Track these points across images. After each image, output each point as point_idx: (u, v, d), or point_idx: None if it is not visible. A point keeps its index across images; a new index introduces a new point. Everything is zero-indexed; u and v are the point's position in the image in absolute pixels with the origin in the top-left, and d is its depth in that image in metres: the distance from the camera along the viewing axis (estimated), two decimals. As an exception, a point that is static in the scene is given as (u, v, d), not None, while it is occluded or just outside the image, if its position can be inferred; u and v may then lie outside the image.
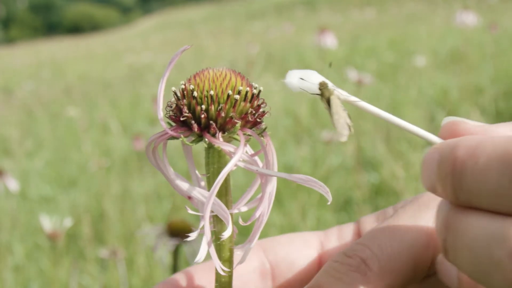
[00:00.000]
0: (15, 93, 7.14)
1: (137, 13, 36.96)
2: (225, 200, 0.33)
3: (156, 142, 0.33)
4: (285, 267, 0.38)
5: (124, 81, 6.75)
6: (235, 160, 0.31)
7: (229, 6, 21.06)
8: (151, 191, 2.54)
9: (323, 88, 0.32)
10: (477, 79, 3.32)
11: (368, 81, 2.14)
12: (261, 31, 10.04)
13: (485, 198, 0.24)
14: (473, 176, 0.25)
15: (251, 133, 0.33)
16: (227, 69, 0.33)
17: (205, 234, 0.31)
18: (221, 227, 0.32)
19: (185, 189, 0.32)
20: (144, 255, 1.83)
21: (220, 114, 0.32)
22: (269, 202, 0.33)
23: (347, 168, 2.38)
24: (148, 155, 0.33)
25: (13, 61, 12.92)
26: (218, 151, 0.32)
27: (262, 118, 0.33)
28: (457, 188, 0.25)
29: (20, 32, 34.65)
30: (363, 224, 0.39)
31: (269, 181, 0.33)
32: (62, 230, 1.30)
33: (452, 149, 0.26)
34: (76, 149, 3.71)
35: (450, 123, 0.29)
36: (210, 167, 0.33)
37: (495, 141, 0.25)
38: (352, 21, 8.90)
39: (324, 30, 2.09)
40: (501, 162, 0.24)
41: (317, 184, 0.32)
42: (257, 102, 0.33)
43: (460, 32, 4.14)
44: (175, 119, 0.33)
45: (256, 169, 0.32)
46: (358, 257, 0.30)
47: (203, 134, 0.32)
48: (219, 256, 0.33)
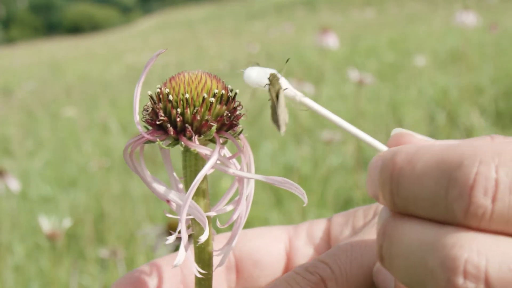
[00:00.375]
0: (15, 93, 7.14)
1: (137, 13, 36.97)
2: (203, 203, 0.33)
3: (133, 146, 0.33)
4: (250, 261, 0.38)
5: (124, 81, 6.75)
6: (211, 163, 0.31)
7: (229, 6, 21.07)
8: (151, 191, 2.54)
9: (273, 79, 0.32)
10: (477, 79, 3.32)
11: (369, 81, 2.14)
12: (261, 31, 10.04)
13: (421, 205, 0.24)
14: (410, 183, 0.25)
15: (227, 136, 0.33)
16: (203, 72, 0.33)
17: (182, 237, 0.31)
18: (199, 230, 0.32)
19: (162, 192, 0.32)
20: (144, 255, 1.83)
21: (195, 117, 0.31)
22: (247, 204, 0.33)
23: (347, 168, 2.38)
24: (125, 159, 0.33)
25: (13, 61, 12.92)
26: (194, 154, 0.32)
27: (238, 121, 0.33)
28: (395, 194, 0.25)
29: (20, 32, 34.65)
30: (334, 224, 0.39)
31: (246, 184, 0.33)
32: (61, 230, 1.30)
33: (393, 155, 0.26)
34: (76, 149, 3.71)
35: (397, 135, 0.29)
36: (187, 170, 0.33)
37: (433, 149, 0.25)
38: (352, 21, 8.90)
39: (326, 30, 2.08)
40: (437, 170, 0.24)
41: (293, 186, 0.32)
42: (233, 105, 0.33)
43: (460, 32, 4.14)
44: (151, 123, 0.33)
45: (233, 171, 0.32)
46: (318, 275, 0.31)
47: (179, 137, 0.32)
48: (198, 259, 0.33)
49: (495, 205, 0.23)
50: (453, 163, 0.23)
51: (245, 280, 0.38)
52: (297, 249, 0.39)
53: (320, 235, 0.39)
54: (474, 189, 0.23)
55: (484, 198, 0.23)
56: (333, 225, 0.39)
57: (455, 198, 0.23)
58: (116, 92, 5.96)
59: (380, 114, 3.12)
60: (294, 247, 0.39)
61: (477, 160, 0.23)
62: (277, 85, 0.32)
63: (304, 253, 0.39)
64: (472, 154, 0.23)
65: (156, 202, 2.44)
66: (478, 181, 0.23)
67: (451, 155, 0.24)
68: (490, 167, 0.23)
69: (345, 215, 0.39)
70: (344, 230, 0.38)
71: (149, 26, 21.01)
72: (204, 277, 0.33)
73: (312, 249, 0.39)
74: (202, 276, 0.32)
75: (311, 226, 0.40)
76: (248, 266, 0.38)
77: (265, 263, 0.38)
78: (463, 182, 0.23)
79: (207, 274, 0.33)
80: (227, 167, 0.32)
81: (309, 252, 0.39)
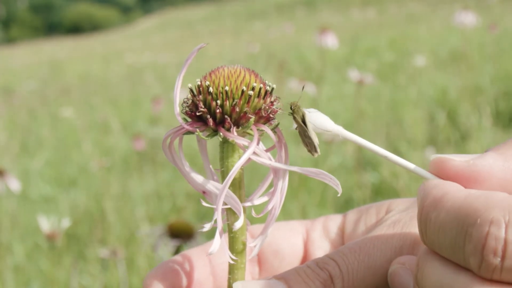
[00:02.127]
0: (15, 93, 7.14)
1: (137, 13, 36.97)
2: (238, 193, 0.34)
3: (172, 137, 0.34)
4: (270, 252, 0.40)
5: (125, 81, 6.75)
6: (248, 153, 0.31)
7: (229, 6, 21.06)
8: (151, 191, 2.54)
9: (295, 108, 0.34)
10: (477, 79, 3.32)
11: (369, 81, 2.13)
12: (261, 31, 10.04)
13: (444, 250, 0.27)
14: (435, 229, 0.27)
15: (264, 128, 0.33)
16: (242, 67, 0.34)
17: (218, 225, 0.31)
18: (234, 220, 0.33)
19: (200, 182, 0.33)
20: (144, 255, 1.83)
21: (234, 109, 0.32)
22: (281, 196, 0.34)
23: (347, 168, 2.38)
24: (164, 150, 0.34)
25: (13, 61, 12.92)
26: (232, 145, 0.33)
27: (275, 115, 0.34)
28: (424, 235, 0.28)
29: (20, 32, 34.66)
30: (348, 220, 0.41)
31: (281, 175, 0.34)
32: (61, 230, 1.30)
33: (424, 196, 0.29)
34: (76, 149, 3.71)
35: (437, 160, 0.31)
36: (224, 161, 0.34)
37: (456, 198, 0.27)
38: (352, 21, 8.90)
39: (325, 30, 2.08)
40: (456, 223, 0.27)
41: (327, 177, 0.33)
42: (270, 99, 0.34)
43: (460, 32, 4.14)
44: (190, 115, 0.33)
45: (269, 163, 0.33)
46: (327, 272, 0.32)
47: (218, 128, 0.33)
48: (232, 248, 0.33)
49: (504, 262, 0.25)
50: (469, 218, 0.26)
51: (266, 271, 0.40)
52: (313, 241, 0.41)
53: (335, 230, 0.41)
54: (485, 248, 0.25)
55: (494, 257, 0.25)
56: (347, 221, 0.41)
57: (470, 253, 0.26)
58: (116, 92, 5.96)
59: (380, 114, 3.12)
60: (310, 239, 0.41)
61: (489, 219, 0.26)
62: (300, 112, 0.33)
63: (320, 246, 0.41)
64: (486, 211, 0.26)
65: (156, 202, 2.44)
66: (489, 241, 0.25)
67: (469, 209, 0.26)
68: (500, 227, 0.25)
69: (358, 211, 0.41)
70: (357, 226, 0.40)
71: (149, 26, 21.01)
72: (237, 265, 0.33)
73: (327, 242, 0.41)
74: (235, 263, 0.33)
75: (327, 221, 0.42)
76: (269, 257, 0.40)
77: (285, 254, 0.40)
78: (476, 239, 0.26)
79: (240, 263, 0.34)
80: (263, 159, 0.33)
81: (324, 245, 0.41)
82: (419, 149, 2.44)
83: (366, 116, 3.06)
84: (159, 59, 7.91)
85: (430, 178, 0.31)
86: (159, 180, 2.67)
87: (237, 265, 0.33)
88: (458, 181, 0.29)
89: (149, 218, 2.23)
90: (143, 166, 2.98)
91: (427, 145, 2.52)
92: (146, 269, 1.80)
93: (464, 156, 0.30)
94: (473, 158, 0.29)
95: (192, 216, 2.18)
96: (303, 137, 0.33)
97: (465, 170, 0.29)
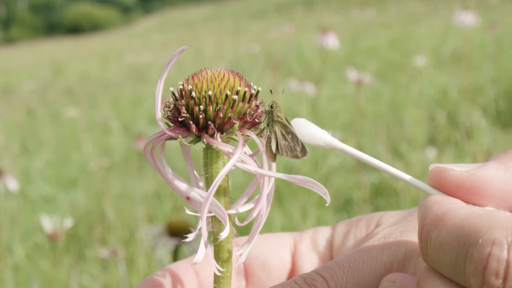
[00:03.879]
0: (15, 93, 7.13)
1: (137, 13, 36.94)
2: (224, 200, 0.33)
3: (154, 143, 0.33)
4: (258, 266, 0.39)
5: (125, 81, 6.74)
6: (233, 161, 0.30)
7: (229, 6, 21.05)
8: (151, 191, 2.54)
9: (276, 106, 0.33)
10: (477, 79, 3.32)
11: (367, 81, 2.13)
12: (261, 31, 10.03)
13: (445, 270, 0.27)
14: (435, 248, 0.27)
15: (250, 134, 0.32)
16: (225, 69, 0.32)
17: (202, 234, 0.31)
18: (219, 228, 0.32)
19: (184, 189, 0.32)
20: (144, 255, 1.83)
21: (218, 115, 0.31)
22: (267, 203, 0.33)
23: (347, 168, 2.38)
24: (146, 155, 0.33)
25: (13, 61, 12.91)
26: (216, 151, 0.32)
27: (261, 119, 0.33)
28: (425, 254, 0.28)
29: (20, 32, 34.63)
30: (337, 232, 0.40)
31: (267, 182, 0.33)
32: (62, 230, 1.30)
33: (424, 213, 0.28)
34: (76, 149, 3.71)
35: (436, 170, 0.30)
36: (208, 167, 0.32)
37: (457, 216, 0.26)
38: (352, 21, 8.89)
39: (326, 30, 2.08)
40: (457, 243, 0.26)
41: (315, 185, 0.32)
42: (256, 103, 0.33)
43: (460, 32, 4.14)
44: (173, 120, 0.32)
45: (255, 169, 0.32)
46: None
47: (201, 134, 0.32)
48: (217, 256, 0.33)
49: (506, 284, 0.25)
50: (471, 238, 0.25)
51: (254, 284, 0.39)
52: (301, 253, 0.40)
53: (324, 242, 0.40)
54: (486, 269, 0.25)
55: (496, 279, 0.25)
56: (336, 233, 0.40)
57: (471, 274, 0.25)
58: (116, 92, 5.95)
59: (380, 114, 3.11)
60: (298, 251, 0.40)
61: (491, 239, 0.25)
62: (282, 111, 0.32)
63: (308, 259, 0.40)
64: (488, 231, 0.25)
65: (156, 202, 2.44)
66: (490, 263, 0.25)
67: (470, 228, 0.26)
68: (502, 248, 0.25)
69: (348, 224, 0.40)
70: (346, 239, 0.39)
71: (149, 26, 21.00)
72: (223, 275, 0.33)
73: (316, 255, 0.40)
74: (221, 274, 0.32)
75: (315, 233, 0.41)
76: (256, 271, 0.39)
77: (272, 267, 0.39)
78: (478, 260, 0.25)
79: (226, 272, 0.33)
80: (248, 165, 0.32)
81: (313, 258, 0.40)
82: (419, 149, 2.44)
83: (366, 116, 3.06)
84: (159, 59, 7.90)
85: (428, 190, 0.30)
86: (159, 180, 2.67)
87: (223, 275, 0.33)
88: (458, 193, 0.28)
89: (149, 218, 2.22)
90: (143, 166, 2.98)
91: (427, 145, 2.52)
92: (146, 269, 1.80)
93: (464, 165, 0.29)
94: (474, 168, 0.29)
95: (192, 216, 2.17)
96: (286, 136, 0.32)
97: (466, 181, 0.28)
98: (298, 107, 3.09)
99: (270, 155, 0.32)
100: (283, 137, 0.32)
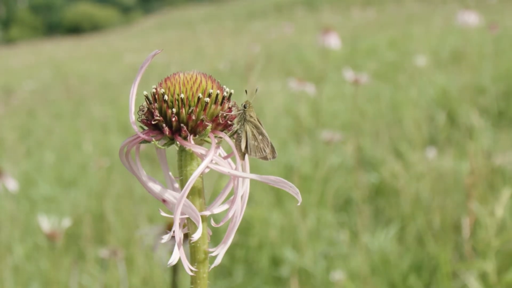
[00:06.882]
0: (15, 93, 7.13)
1: (137, 13, 36.91)
2: (198, 202, 0.33)
3: (128, 146, 0.33)
4: None
5: (125, 81, 6.74)
6: (205, 162, 0.31)
7: (229, 6, 21.05)
8: (147, 191, 2.53)
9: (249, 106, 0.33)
10: (477, 79, 3.31)
11: (364, 81, 2.13)
12: (261, 31, 10.03)
13: None
14: None
15: (222, 136, 0.33)
16: (198, 72, 0.33)
17: (176, 236, 0.31)
18: (194, 229, 0.32)
19: (158, 191, 0.32)
20: (144, 255, 1.83)
21: (191, 117, 0.32)
22: (242, 204, 0.33)
23: (347, 168, 2.38)
24: (121, 159, 0.33)
25: (13, 61, 12.91)
26: (190, 154, 0.33)
27: (233, 121, 0.34)
28: None
29: (20, 32, 34.60)
30: None
31: (241, 183, 0.33)
32: (61, 230, 1.30)
33: None
34: (76, 148, 3.70)
35: None
36: (182, 169, 0.33)
37: None
38: (352, 21, 8.89)
39: (328, 30, 2.08)
40: None
41: (287, 185, 0.32)
42: (228, 105, 0.33)
43: (460, 32, 4.14)
44: (147, 123, 0.33)
45: (228, 171, 0.32)
46: None
47: (175, 137, 0.32)
48: (193, 258, 0.33)
49: None
50: None
51: None
52: None
53: None
54: None
55: None
56: None
57: None
58: (116, 92, 5.95)
59: (380, 114, 3.11)
60: None
61: None
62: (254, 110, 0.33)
63: None
64: None
65: (156, 202, 2.44)
66: None
67: None
68: None
69: None
70: None
71: (149, 26, 21.00)
72: (199, 275, 0.33)
73: None
74: (197, 274, 0.32)
75: None
76: None
77: None
78: None
79: (202, 273, 0.33)
80: (222, 167, 0.32)
81: None
82: (419, 149, 2.44)
83: (366, 116, 3.05)
84: (159, 59, 7.90)
85: None
86: (159, 179, 2.66)
87: (199, 275, 0.33)
88: None
89: (149, 218, 2.22)
90: (143, 166, 2.97)
91: (427, 145, 2.52)
92: (145, 269, 1.80)
93: None
94: None
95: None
96: (256, 136, 0.32)
97: None
98: (299, 107, 3.09)
99: (239, 154, 0.32)
100: (254, 137, 0.33)
